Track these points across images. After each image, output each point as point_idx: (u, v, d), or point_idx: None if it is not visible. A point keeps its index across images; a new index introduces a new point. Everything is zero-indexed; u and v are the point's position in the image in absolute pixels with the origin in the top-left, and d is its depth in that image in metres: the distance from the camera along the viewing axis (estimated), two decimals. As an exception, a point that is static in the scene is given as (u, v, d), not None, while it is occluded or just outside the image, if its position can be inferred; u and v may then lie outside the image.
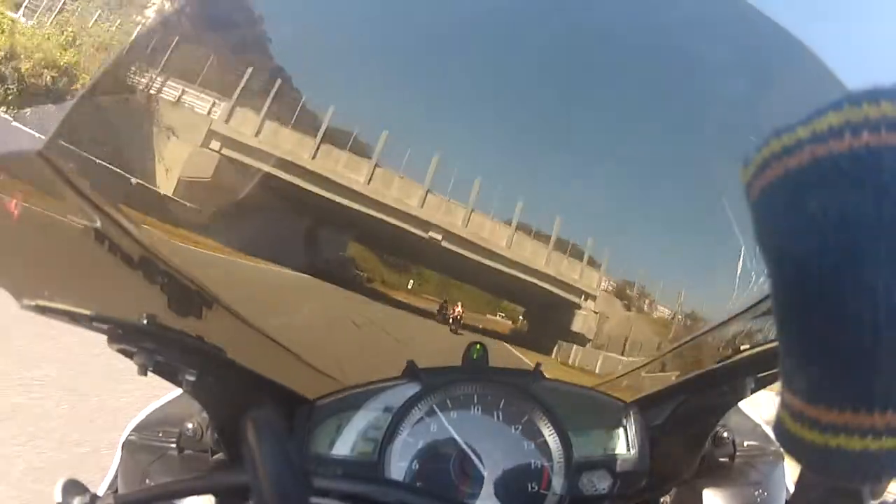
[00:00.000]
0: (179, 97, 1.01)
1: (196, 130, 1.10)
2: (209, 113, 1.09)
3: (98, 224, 0.65)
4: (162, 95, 0.97)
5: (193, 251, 0.97)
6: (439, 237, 1.29)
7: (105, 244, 0.68)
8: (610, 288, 1.31)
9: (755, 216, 0.32)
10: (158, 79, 0.95)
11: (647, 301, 1.26)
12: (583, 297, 1.32)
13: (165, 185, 1.00)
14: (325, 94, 1.10)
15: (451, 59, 1.01)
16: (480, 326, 1.46)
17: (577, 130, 1.07)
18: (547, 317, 1.47)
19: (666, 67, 0.93)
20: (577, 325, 1.34)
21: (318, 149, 1.17)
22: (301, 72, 1.07)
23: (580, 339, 1.34)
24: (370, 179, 1.24)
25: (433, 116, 1.12)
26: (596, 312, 1.31)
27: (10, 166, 0.59)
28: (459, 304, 1.39)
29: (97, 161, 0.73)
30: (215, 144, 1.12)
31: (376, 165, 1.24)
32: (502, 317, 1.58)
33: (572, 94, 1.03)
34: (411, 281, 1.54)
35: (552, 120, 1.07)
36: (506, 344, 1.37)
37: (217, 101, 1.09)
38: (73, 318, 0.68)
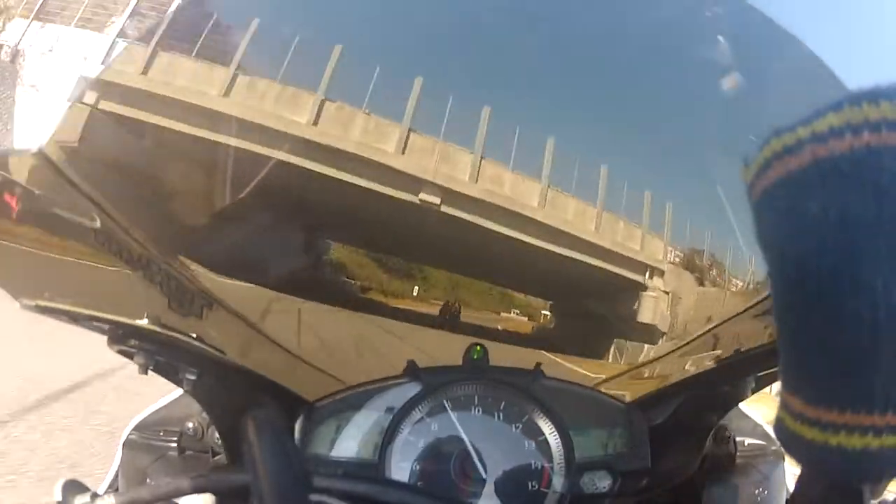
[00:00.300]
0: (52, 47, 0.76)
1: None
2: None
3: (98, 224, 0.65)
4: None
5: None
6: (436, 199, 0.88)
7: (105, 244, 0.68)
8: (676, 259, 0.97)
9: (756, 216, 0.32)
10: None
11: (721, 272, 0.95)
12: (648, 273, 0.96)
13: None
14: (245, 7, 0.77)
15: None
16: (499, 328, 1.21)
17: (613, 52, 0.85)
18: (600, 308, 1.13)
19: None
20: (646, 315, 0.98)
21: (232, 81, 0.78)
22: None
23: (649, 334, 0.99)
24: (317, 119, 0.80)
25: (412, 17, 0.79)
26: (667, 293, 0.96)
27: (9, 164, 0.59)
28: (457, 302, 1.20)
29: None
30: (90, 96, 0.75)
31: (325, 99, 0.81)
32: (517, 314, 1.25)
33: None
34: (415, 287, 1.26)
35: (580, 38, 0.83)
36: (506, 343, 1.29)
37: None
38: (73, 319, 0.68)
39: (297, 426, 0.90)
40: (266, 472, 0.36)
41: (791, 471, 1.01)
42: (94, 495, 0.48)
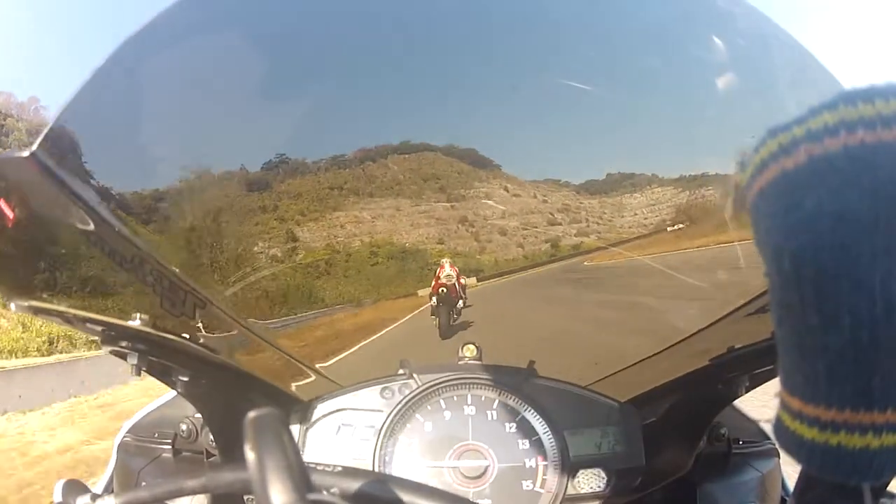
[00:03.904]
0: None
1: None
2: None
3: (90, 226, 0.66)
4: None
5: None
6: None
7: (97, 245, 0.69)
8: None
9: (753, 215, 0.33)
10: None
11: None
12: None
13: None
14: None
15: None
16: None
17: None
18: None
19: (662, 63, 0.93)
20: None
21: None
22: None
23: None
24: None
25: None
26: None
27: (3, 168, 0.60)
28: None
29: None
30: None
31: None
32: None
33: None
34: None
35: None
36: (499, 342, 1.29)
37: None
38: (66, 320, 0.70)
39: (293, 427, 0.91)
40: (267, 471, 0.37)
41: (786, 468, 1.04)
42: (95, 496, 0.49)
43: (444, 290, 1.19)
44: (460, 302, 1.20)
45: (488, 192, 1.18)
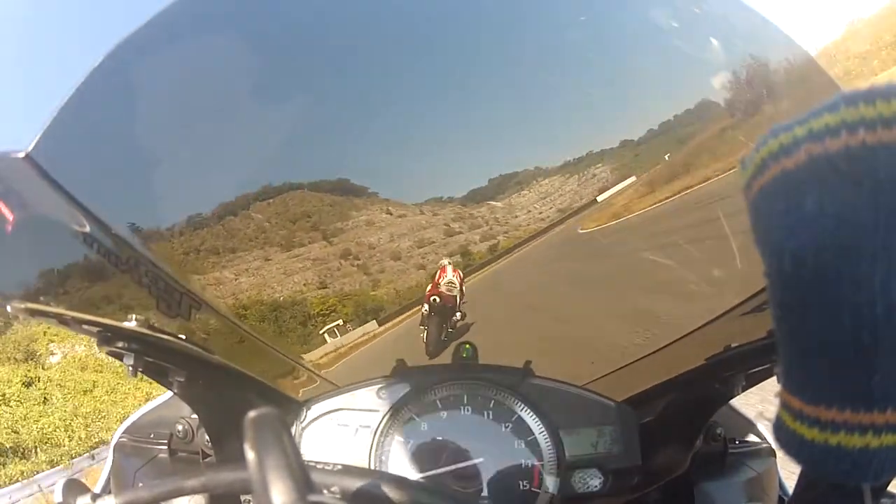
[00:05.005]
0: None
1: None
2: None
3: (87, 227, 0.66)
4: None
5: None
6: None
7: (93, 246, 0.70)
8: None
9: (753, 215, 0.34)
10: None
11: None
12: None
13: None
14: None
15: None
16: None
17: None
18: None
19: (661, 65, 0.93)
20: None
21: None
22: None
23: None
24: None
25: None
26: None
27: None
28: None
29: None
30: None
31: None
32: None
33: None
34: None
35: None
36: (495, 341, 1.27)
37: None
38: (63, 321, 0.70)
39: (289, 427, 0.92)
40: (267, 471, 0.38)
41: (784, 467, 1.04)
42: (95, 495, 0.50)
43: (437, 298, 1.06)
44: (457, 314, 1.09)
45: (369, 219, 1.07)
